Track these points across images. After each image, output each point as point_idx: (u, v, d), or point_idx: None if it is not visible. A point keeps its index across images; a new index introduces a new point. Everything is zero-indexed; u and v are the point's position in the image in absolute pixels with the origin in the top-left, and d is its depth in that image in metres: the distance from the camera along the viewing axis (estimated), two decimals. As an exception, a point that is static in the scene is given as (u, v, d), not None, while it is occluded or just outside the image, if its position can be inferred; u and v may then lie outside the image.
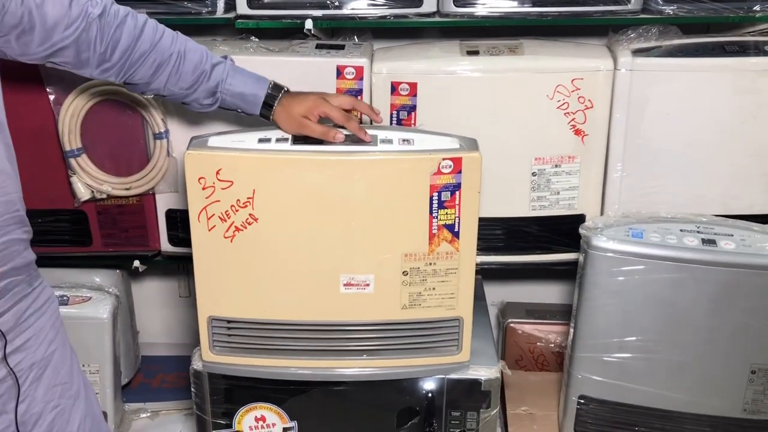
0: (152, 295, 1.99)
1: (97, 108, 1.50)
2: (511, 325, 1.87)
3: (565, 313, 1.72)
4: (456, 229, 1.28)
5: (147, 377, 1.94)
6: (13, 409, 1.08)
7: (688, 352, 1.43)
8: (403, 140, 1.27)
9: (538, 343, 1.85)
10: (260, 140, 1.26)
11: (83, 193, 1.56)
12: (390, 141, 1.27)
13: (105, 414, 1.66)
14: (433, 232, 1.28)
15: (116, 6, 1.20)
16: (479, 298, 1.67)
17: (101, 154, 1.54)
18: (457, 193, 1.26)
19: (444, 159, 1.23)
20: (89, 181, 1.55)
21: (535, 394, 1.72)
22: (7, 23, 1.07)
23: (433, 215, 1.27)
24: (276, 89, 1.29)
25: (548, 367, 1.85)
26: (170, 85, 1.25)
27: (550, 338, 1.84)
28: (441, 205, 1.26)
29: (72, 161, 1.53)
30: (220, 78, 1.27)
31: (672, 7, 1.48)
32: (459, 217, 1.27)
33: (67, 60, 1.18)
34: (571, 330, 1.51)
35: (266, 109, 1.29)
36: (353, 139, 1.27)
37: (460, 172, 1.24)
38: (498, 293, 1.93)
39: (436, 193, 1.25)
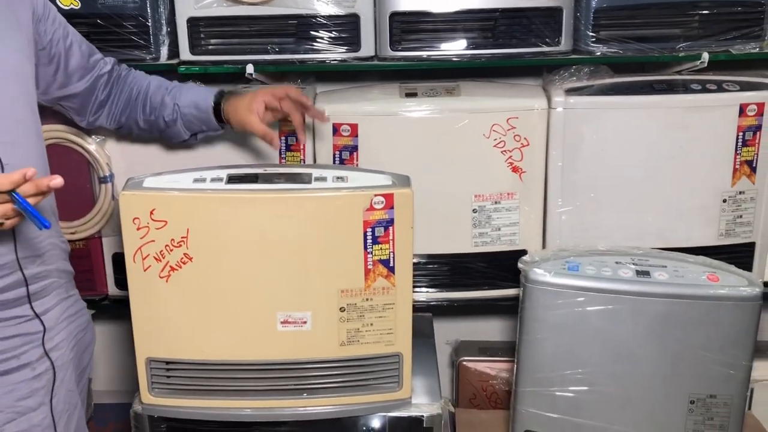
0: (104, 341, 1.98)
1: (42, 153, 1.52)
2: (464, 363, 1.87)
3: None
4: (391, 264, 1.30)
5: (99, 425, 1.92)
6: (49, 401, 1.16)
7: (629, 385, 1.44)
8: (338, 177, 1.30)
9: (491, 381, 1.85)
10: (195, 180, 1.29)
11: (28, 237, 1.56)
12: (324, 179, 1.30)
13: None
14: (369, 267, 1.30)
15: (121, 65, 1.42)
16: (427, 335, 1.69)
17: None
18: (391, 228, 1.28)
19: (376, 195, 1.26)
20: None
21: (486, 430, 1.72)
22: (46, 55, 1.24)
23: (368, 251, 1.29)
24: (223, 92, 1.40)
25: (501, 405, 1.85)
26: (150, 118, 1.40)
27: (503, 376, 1.84)
28: (375, 240, 1.28)
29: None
30: (176, 93, 1.40)
31: (602, 48, 1.53)
32: (393, 252, 1.30)
33: (73, 105, 1.37)
34: (515, 365, 1.52)
35: (218, 113, 1.39)
36: (288, 178, 1.29)
37: (392, 207, 1.27)
38: (452, 332, 1.94)
39: (370, 229, 1.28)
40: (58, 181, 1.00)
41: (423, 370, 1.51)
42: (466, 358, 1.88)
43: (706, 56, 1.53)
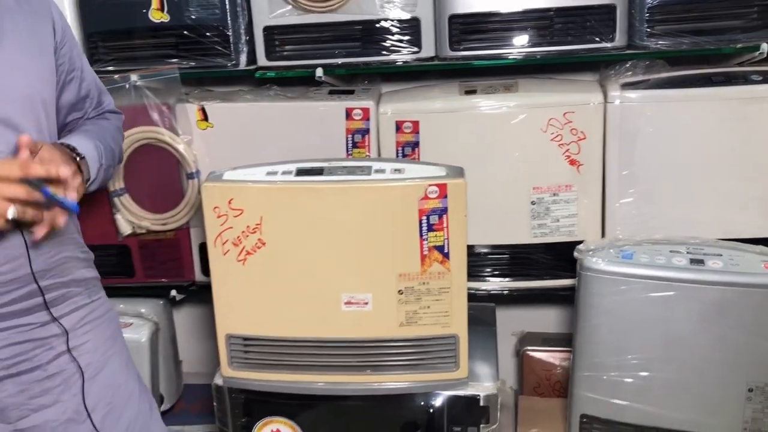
0: (191, 325, 2.16)
1: (137, 152, 1.70)
2: (528, 352, 1.93)
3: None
4: (446, 250, 1.39)
5: (187, 403, 2.09)
6: (80, 394, 1.25)
7: (683, 371, 1.47)
8: (395, 170, 1.40)
9: (554, 370, 1.90)
10: (268, 173, 1.42)
11: (125, 228, 1.75)
12: (383, 171, 1.40)
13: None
14: (425, 253, 1.39)
15: (109, 114, 1.38)
16: (489, 323, 1.75)
17: (141, 193, 1.74)
18: (445, 216, 1.37)
19: (430, 185, 1.35)
20: (131, 217, 1.75)
21: (547, 418, 1.77)
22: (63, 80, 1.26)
23: (423, 237, 1.38)
24: None
25: (564, 393, 1.89)
26: None
27: (566, 365, 1.89)
28: (430, 227, 1.38)
29: (116, 200, 1.73)
30: None
31: (657, 42, 1.56)
32: (448, 238, 1.38)
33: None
34: (572, 350, 1.57)
35: None
36: (349, 171, 1.41)
37: (446, 197, 1.36)
38: (514, 321, 2.00)
39: (425, 217, 1.37)
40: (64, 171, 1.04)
41: (483, 355, 1.59)
42: (529, 347, 1.94)
43: (765, 47, 1.53)
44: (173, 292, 1.85)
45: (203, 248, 1.81)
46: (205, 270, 1.82)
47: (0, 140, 1.10)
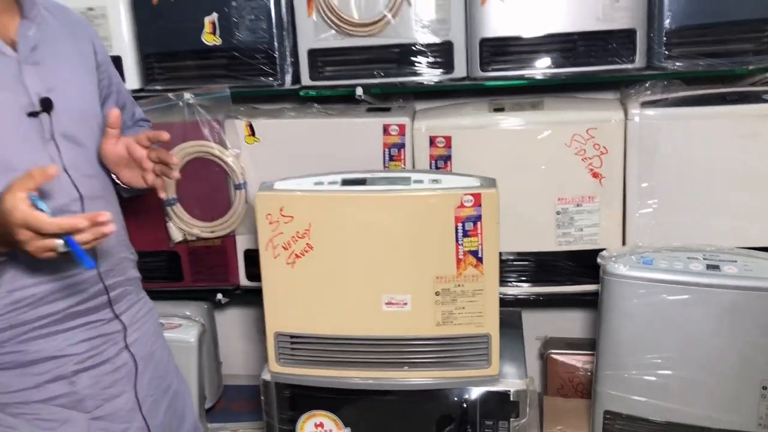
0: (234, 327, 2.28)
1: (189, 165, 1.83)
2: (552, 355, 2.04)
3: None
4: (480, 255, 1.51)
5: (228, 402, 2.21)
6: (133, 388, 1.37)
7: (700, 369, 1.57)
8: (433, 180, 1.53)
9: (577, 372, 2.01)
10: (315, 183, 1.55)
11: (177, 235, 1.88)
12: (421, 181, 1.53)
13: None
14: (460, 257, 1.51)
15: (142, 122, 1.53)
16: (516, 326, 1.87)
17: (192, 202, 1.87)
18: (479, 223, 1.49)
19: (466, 194, 1.47)
20: (182, 225, 1.88)
21: (571, 416, 1.87)
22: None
23: (459, 243, 1.50)
24: None
25: (586, 395, 1.99)
26: None
27: (587, 368, 1.99)
28: (465, 233, 1.49)
29: (168, 209, 1.86)
30: None
31: (674, 64, 1.68)
32: (482, 244, 1.50)
33: None
34: (596, 350, 1.68)
35: None
36: (390, 181, 1.53)
37: (480, 205, 1.48)
38: (539, 326, 2.10)
39: (461, 224, 1.49)
40: (110, 228, 1.06)
41: (512, 355, 1.70)
42: (553, 350, 2.04)
43: (774, 68, 1.65)
44: (219, 296, 1.97)
45: (248, 254, 1.94)
46: (250, 275, 1.96)
47: (66, 154, 1.23)
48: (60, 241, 1.04)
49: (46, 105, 1.20)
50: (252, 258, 1.94)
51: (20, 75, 1.18)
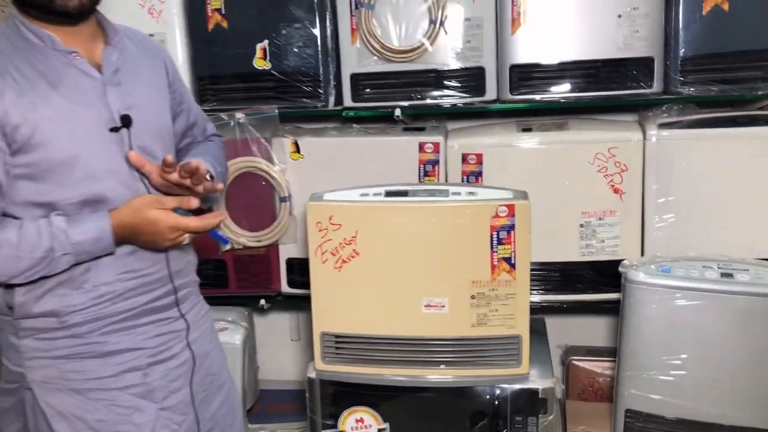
0: (273, 332, 2.41)
1: (238, 179, 1.98)
2: (573, 362, 2.16)
3: (617, 348, 2.00)
4: (512, 261, 1.64)
5: (264, 405, 2.33)
6: (189, 383, 1.48)
7: (716, 370, 1.69)
8: (469, 192, 1.67)
9: (597, 378, 2.13)
10: (361, 194, 1.68)
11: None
12: (459, 193, 1.67)
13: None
14: (494, 263, 1.64)
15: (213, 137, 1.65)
16: (541, 332, 1.99)
17: (240, 213, 2.01)
18: (512, 232, 1.62)
19: (500, 205, 1.61)
20: (231, 235, 2.02)
21: (593, 418, 1.99)
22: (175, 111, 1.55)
23: (494, 250, 1.64)
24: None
25: (606, 398, 2.11)
26: None
27: (607, 373, 2.11)
28: (500, 241, 1.63)
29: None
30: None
31: (688, 89, 1.83)
32: (514, 251, 1.64)
33: None
34: (617, 352, 1.80)
35: None
36: (430, 193, 1.67)
37: (513, 215, 1.62)
38: (562, 334, 2.23)
39: (495, 232, 1.63)
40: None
41: (538, 358, 1.82)
42: (575, 357, 2.17)
43: (782, 94, 1.80)
44: (262, 302, 2.10)
45: (290, 263, 2.08)
46: (291, 282, 2.10)
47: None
48: (187, 236, 1.34)
49: (126, 121, 1.34)
50: (293, 266, 2.08)
51: (104, 95, 1.33)
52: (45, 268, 1.28)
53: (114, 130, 1.33)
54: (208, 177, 1.36)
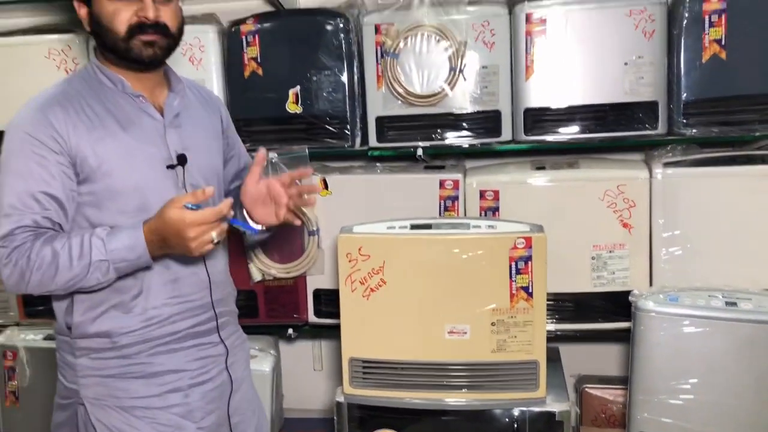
0: (299, 360, 2.51)
1: (270, 214, 2.11)
2: (587, 390, 2.26)
3: (628, 375, 2.10)
4: (530, 290, 1.76)
5: (288, 432, 2.43)
6: (226, 406, 1.59)
7: (722, 394, 1.80)
8: (489, 225, 1.80)
9: (609, 405, 2.22)
10: (388, 227, 1.82)
11: (257, 275, 2.15)
12: (479, 226, 1.79)
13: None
14: (513, 292, 1.76)
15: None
16: (555, 360, 2.10)
17: (270, 246, 2.14)
18: (530, 263, 1.75)
19: (518, 237, 1.74)
20: (262, 266, 2.14)
21: (606, 442, 2.09)
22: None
23: (512, 279, 1.75)
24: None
25: (619, 425, 2.20)
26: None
27: (620, 401, 2.21)
28: (518, 271, 1.75)
29: (250, 252, 2.13)
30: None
31: (691, 130, 1.97)
32: (532, 281, 1.75)
33: None
34: (629, 377, 1.90)
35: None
36: (452, 226, 1.80)
37: (531, 247, 1.74)
38: (575, 362, 2.33)
39: (514, 263, 1.75)
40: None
41: (554, 384, 1.92)
42: (588, 385, 2.26)
43: (777, 135, 1.94)
44: (290, 331, 2.21)
45: (317, 294, 2.19)
46: (317, 313, 2.21)
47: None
48: (214, 234, 1.33)
49: (182, 160, 1.48)
50: (320, 296, 2.19)
51: (164, 135, 1.47)
52: (88, 275, 1.36)
53: (170, 167, 1.46)
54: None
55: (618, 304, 2.02)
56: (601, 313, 2.07)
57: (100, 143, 1.39)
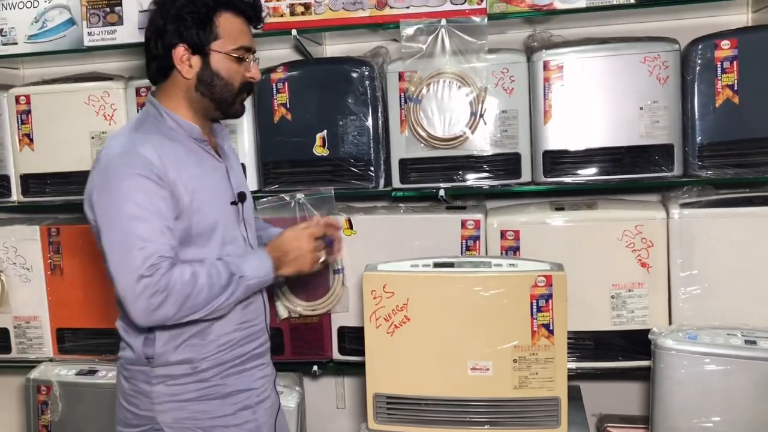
0: (315, 405, 2.54)
1: (296, 253, 2.18)
2: (608, 429, 2.27)
3: (649, 414, 2.12)
4: (551, 328, 1.80)
5: (311, 470, 2.45)
6: (273, 423, 1.70)
7: (742, 431, 1.81)
8: (510, 264, 1.85)
9: (631, 444, 2.23)
10: (411, 265, 1.87)
11: (283, 312, 2.21)
12: (500, 264, 1.85)
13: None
14: (534, 329, 1.80)
15: None
16: (576, 398, 2.12)
17: (297, 284, 2.20)
18: (550, 300, 1.79)
19: (539, 276, 1.79)
20: (288, 304, 2.20)
21: (628, 480, 2.09)
22: None
23: (533, 317, 1.80)
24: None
25: (640, 463, 2.21)
26: None
27: (641, 439, 2.22)
28: (539, 309, 1.80)
29: (277, 290, 2.20)
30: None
31: (706, 172, 2.02)
32: (552, 318, 1.80)
33: None
34: (650, 415, 1.92)
35: None
36: (474, 264, 1.85)
37: (551, 285, 1.79)
38: (596, 400, 2.34)
39: (535, 301, 1.80)
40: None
41: (575, 421, 1.94)
42: (609, 424, 2.28)
43: (792, 176, 1.99)
44: (315, 368, 2.26)
45: (341, 331, 2.25)
46: (341, 350, 2.26)
47: (248, 232, 1.67)
48: (322, 253, 1.68)
49: (242, 197, 1.65)
50: (344, 334, 2.24)
51: (227, 175, 1.65)
52: (232, 294, 1.51)
53: (233, 203, 1.63)
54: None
55: (638, 343, 2.05)
56: (621, 352, 2.10)
57: (189, 182, 1.52)
